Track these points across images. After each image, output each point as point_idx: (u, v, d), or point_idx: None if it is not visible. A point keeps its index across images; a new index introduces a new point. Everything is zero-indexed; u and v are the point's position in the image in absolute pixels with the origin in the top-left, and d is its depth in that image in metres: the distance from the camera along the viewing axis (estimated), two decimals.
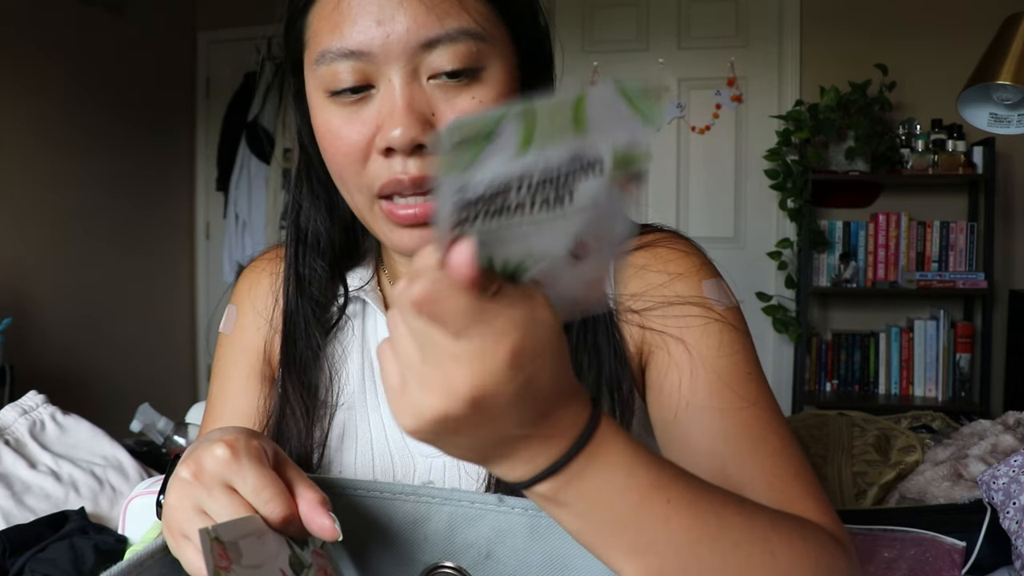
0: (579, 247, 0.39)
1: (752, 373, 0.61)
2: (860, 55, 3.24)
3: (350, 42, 0.55)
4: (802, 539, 0.49)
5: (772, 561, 0.47)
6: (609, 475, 0.42)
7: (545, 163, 0.36)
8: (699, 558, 0.44)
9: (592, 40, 3.58)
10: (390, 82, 0.56)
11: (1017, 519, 1.00)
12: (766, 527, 0.47)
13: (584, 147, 0.36)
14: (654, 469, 0.43)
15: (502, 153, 0.35)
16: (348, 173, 0.59)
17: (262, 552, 0.46)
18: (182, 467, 0.49)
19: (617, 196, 0.38)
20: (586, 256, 0.40)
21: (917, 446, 1.34)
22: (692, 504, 0.44)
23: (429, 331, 0.36)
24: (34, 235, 3.12)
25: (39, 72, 3.11)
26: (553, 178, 0.36)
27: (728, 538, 0.45)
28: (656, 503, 0.43)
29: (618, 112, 0.36)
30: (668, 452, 0.61)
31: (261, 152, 3.75)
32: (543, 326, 0.38)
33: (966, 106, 1.48)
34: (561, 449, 0.40)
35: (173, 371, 3.93)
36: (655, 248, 0.66)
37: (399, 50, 0.55)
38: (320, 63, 0.57)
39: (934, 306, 3.32)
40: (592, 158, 0.37)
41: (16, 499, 1.06)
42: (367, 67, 0.56)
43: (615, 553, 0.44)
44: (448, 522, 0.55)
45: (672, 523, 0.43)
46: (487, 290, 0.36)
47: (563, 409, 0.40)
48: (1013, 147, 3.17)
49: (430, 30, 0.54)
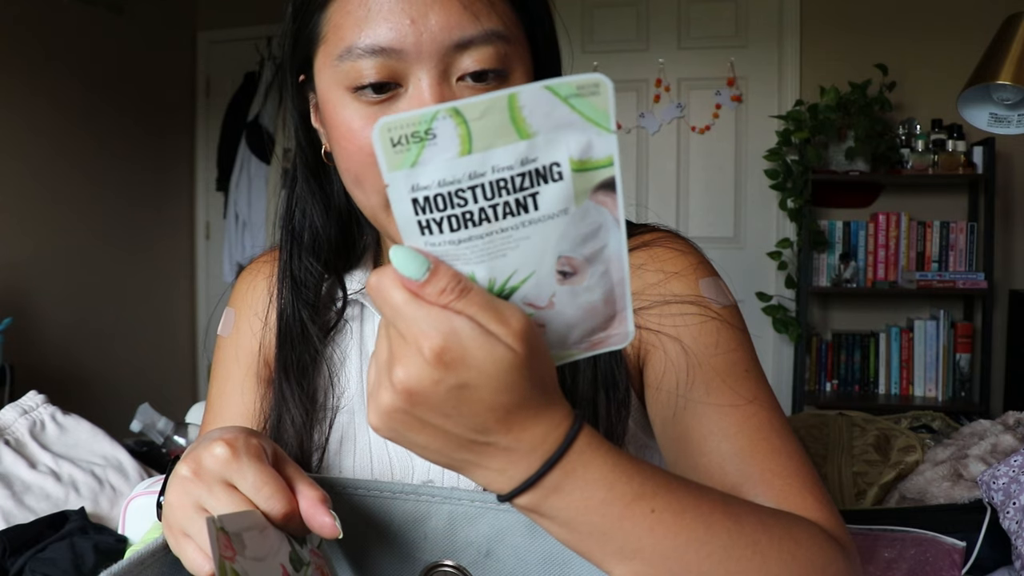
0: (566, 263, 0.40)
1: (750, 371, 0.61)
2: (860, 55, 3.24)
3: (381, 39, 0.54)
4: (794, 540, 0.49)
5: (763, 564, 0.47)
6: (588, 490, 0.42)
7: (493, 165, 0.37)
8: (687, 563, 0.45)
9: (592, 40, 3.58)
10: (419, 81, 0.54)
11: (1017, 519, 1.00)
12: (756, 530, 0.47)
13: (533, 151, 0.37)
14: (637, 480, 0.44)
15: (445, 153, 0.36)
16: (367, 174, 0.57)
17: (264, 546, 0.46)
18: (182, 465, 0.49)
19: (593, 209, 0.39)
20: (577, 275, 0.40)
21: (917, 446, 1.34)
22: (678, 513, 0.44)
23: (388, 329, 0.39)
24: (34, 235, 3.12)
25: (39, 72, 3.11)
26: (506, 182, 0.37)
27: (716, 543, 0.45)
28: (639, 515, 0.43)
29: (562, 115, 0.37)
30: (668, 452, 0.61)
31: (261, 152, 3.75)
32: (481, 339, 0.38)
33: (966, 106, 1.48)
34: (534, 464, 0.41)
35: (173, 371, 3.93)
36: (652, 247, 0.66)
37: (432, 49, 0.54)
38: (344, 59, 0.55)
39: (934, 306, 3.32)
40: (546, 163, 0.38)
41: (16, 499, 1.06)
42: (396, 65, 0.54)
43: (603, 558, 0.44)
44: (448, 521, 0.55)
45: (657, 532, 0.44)
46: (442, 295, 0.38)
47: (531, 423, 0.41)
48: (1013, 147, 3.17)
49: (464, 30, 0.54)
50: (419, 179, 0.37)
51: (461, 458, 0.42)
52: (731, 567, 0.46)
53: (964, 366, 3.21)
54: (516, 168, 0.37)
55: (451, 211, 0.37)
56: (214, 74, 4.05)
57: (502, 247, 0.39)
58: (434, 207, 0.37)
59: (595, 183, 0.38)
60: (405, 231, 0.38)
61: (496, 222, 0.38)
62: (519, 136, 0.37)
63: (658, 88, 3.54)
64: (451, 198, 0.37)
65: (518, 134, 0.37)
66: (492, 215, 0.38)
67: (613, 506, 0.43)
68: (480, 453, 0.41)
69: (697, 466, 0.58)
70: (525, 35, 0.59)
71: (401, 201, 0.37)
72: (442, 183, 0.37)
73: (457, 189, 0.37)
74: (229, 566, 0.43)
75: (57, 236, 3.22)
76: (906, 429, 1.45)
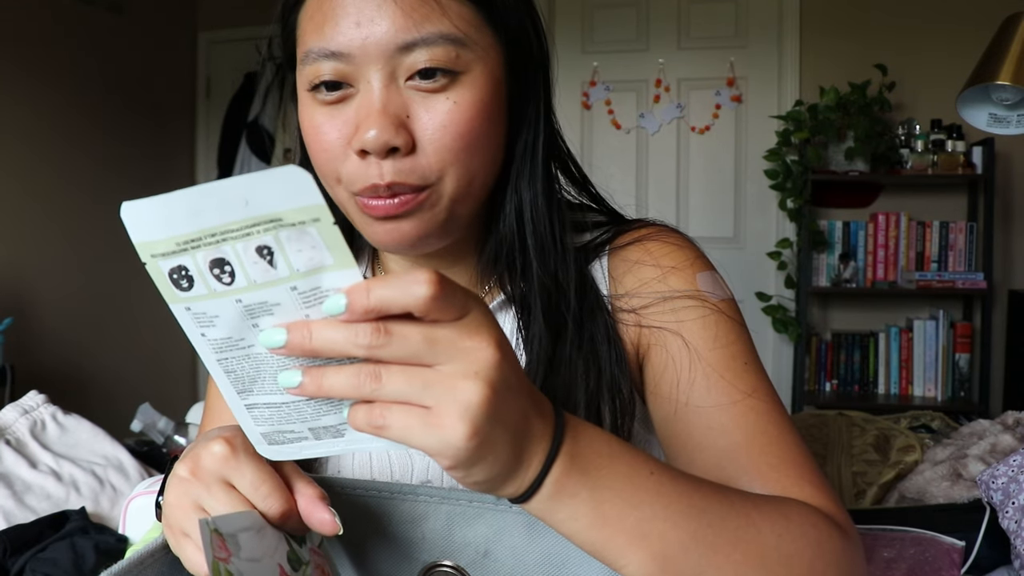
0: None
1: (749, 363, 0.61)
2: (860, 55, 3.24)
3: (331, 43, 0.56)
4: (784, 517, 0.49)
5: (758, 536, 0.47)
6: (595, 444, 0.45)
7: None
8: (694, 534, 0.45)
9: (592, 40, 3.58)
10: (368, 84, 0.56)
11: (1016, 518, 1.00)
12: (746, 504, 0.49)
13: None
14: (630, 449, 0.47)
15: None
16: (328, 169, 0.59)
17: (261, 546, 0.46)
18: (180, 465, 0.49)
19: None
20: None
21: (916, 446, 1.34)
22: (675, 479, 0.46)
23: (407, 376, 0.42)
24: (34, 235, 3.12)
25: (39, 72, 3.12)
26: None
27: (714, 512, 0.47)
28: (643, 475, 0.45)
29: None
30: (669, 448, 0.62)
31: (262, 152, 3.75)
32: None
33: (965, 106, 1.48)
34: (550, 429, 0.44)
35: (173, 371, 3.93)
36: (647, 243, 0.66)
37: (377, 53, 0.55)
38: (305, 62, 0.58)
39: (933, 306, 3.32)
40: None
41: (17, 499, 1.06)
42: (347, 68, 0.56)
43: (620, 543, 0.44)
44: (446, 521, 0.55)
45: (663, 496, 0.45)
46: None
47: (538, 394, 0.44)
48: (1012, 147, 3.17)
49: (407, 34, 0.55)
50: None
51: (526, 438, 0.42)
52: (731, 536, 0.46)
53: (963, 366, 3.21)
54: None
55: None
56: (214, 74, 4.05)
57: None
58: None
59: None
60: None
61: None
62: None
63: (658, 88, 3.54)
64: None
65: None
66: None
67: (619, 463, 0.45)
68: (531, 424, 0.42)
69: (695, 461, 0.59)
70: (494, 36, 0.59)
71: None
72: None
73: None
74: (223, 567, 0.43)
75: (58, 237, 3.22)
76: (905, 429, 1.45)
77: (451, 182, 0.58)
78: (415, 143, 0.56)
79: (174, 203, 0.36)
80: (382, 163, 0.56)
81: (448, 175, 0.57)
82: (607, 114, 3.58)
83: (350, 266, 0.38)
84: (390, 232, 0.58)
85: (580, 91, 3.57)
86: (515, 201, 0.63)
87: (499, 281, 0.66)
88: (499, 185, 0.63)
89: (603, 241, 0.68)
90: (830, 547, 0.50)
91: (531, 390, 0.43)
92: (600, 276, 0.67)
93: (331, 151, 0.58)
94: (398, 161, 0.56)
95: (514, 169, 0.63)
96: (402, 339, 0.37)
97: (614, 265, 0.66)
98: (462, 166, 0.57)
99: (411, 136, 0.56)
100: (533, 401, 0.43)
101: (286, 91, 0.69)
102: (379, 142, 0.55)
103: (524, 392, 0.42)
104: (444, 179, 0.57)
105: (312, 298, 0.39)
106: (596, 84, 3.58)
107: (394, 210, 0.57)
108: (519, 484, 0.43)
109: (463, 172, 0.58)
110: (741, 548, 0.47)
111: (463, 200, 0.59)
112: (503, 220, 0.64)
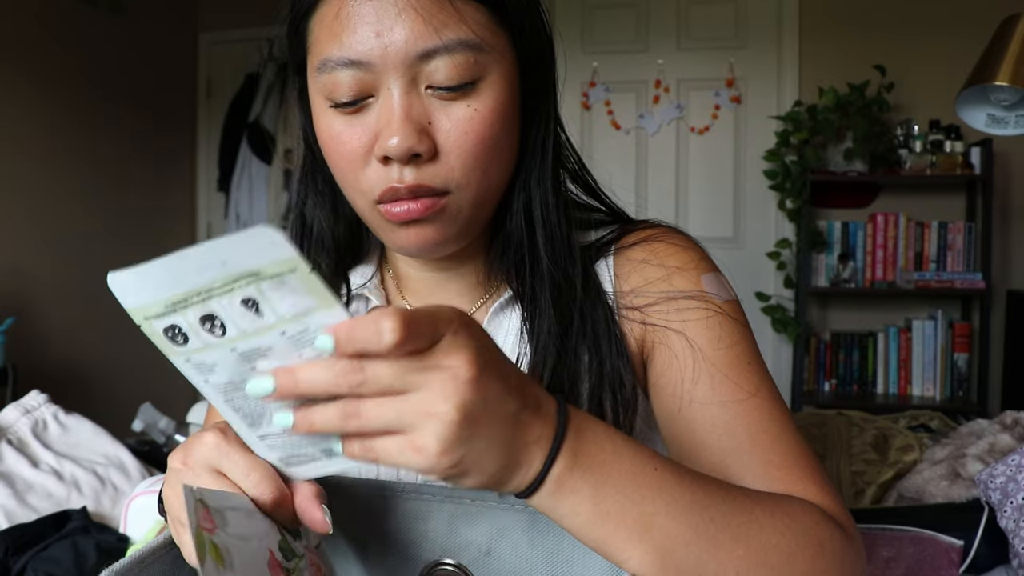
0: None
1: (752, 363, 0.62)
2: (858, 56, 3.24)
3: (350, 52, 0.56)
4: (787, 515, 0.50)
5: (760, 533, 0.48)
6: (599, 440, 0.45)
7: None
8: (696, 529, 0.46)
9: (592, 40, 3.59)
10: (389, 91, 0.56)
11: (1014, 518, 1.01)
12: (750, 500, 0.49)
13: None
14: (634, 444, 0.47)
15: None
16: (349, 178, 0.60)
17: (250, 527, 0.46)
18: (174, 457, 0.49)
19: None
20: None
21: (915, 445, 1.35)
22: (678, 474, 0.47)
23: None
24: (35, 235, 3.13)
25: (40, 73, 3.12)
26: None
27: (717, 508, 0.47)
28: (647, 471, 0.46)
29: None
30: (672, 447, 0.62)
31: (262, 153, 3.75)
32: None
33: (964, 107, 1.48)
34: (551, 422, 0.44)
35: (174, 371, 3.92)
36: (652, 243, 0.66)
37: (397, 61, 0.55)
38: (322, 71, 0.58)
39: (932, 306, 3.32)
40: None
41: (18, 498, 1.06)
42: (367, 76, 0.56)
43: (622, 538, 0.45)
44: (449, 519, 0.56)
45: (666, 492, 0.46)
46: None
47: (535, 386, 0.45)
48: (1010, 148, 3.18)
49: (427, 41, 0.55)
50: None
51: (517, 443, 0.43)
52: (734, 532, 0.47)
53: (962, 366, 3.22)
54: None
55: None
56: (215, 75, 4.05)
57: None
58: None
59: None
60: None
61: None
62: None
63: (657, 89, 3.54)
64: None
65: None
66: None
67: (622, 460, 0.45)
68: (525, 427, 0.43)
69: (699, 459, 0.59)
70: (508, 40, 0.60)
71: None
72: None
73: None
74: (208, 537, 0.42)
75: (59, 237, 3.22)
76: (904, 428, 1.46)
77: (473, 187, 0.58)
78: (437, 149, 0.57)
79: (156, 271, 0.39)
80: (403, 168, 0.57)
81: (471, 180, 0.58)
82: (607, 115, 3.58)
83: (334, 305, 0.39)
84: (412, 236, 0.59)
85: (580, 91, 3.57)
86: (524, 198, 0.64)
87: (506, 277, 0.66)
88: (508, 183, 0.64)
89: (609, 240, 0.68)
90: (831, 546, 0.51)
91: (524, 392, 0.44)
92: (605, 275, 0.67)
93: (352, 159, 0.58)
94: (420, 167, 0.57)
95: (524, 167, 0.64)
96: (375, 375, 0.39)
97: (619, 264, 0.67)
98: (483, 171, 0.58)
99: (433, 142, 0.57)
100: (526, 403, 0.43)
101: (288, 91, 0.69)
102: (402, 148, 0.55)
103: (513, 397, 0.42)
104: (466, 184, 0.58)
105: (302, 339, 0.40)
106: (596, 85, 3.58)
107: (417, 213, 0.57)
108: (520, 482, 0.44)
109: (484, 176, 0.59)
110: (743, 544, 0.47)
111: (484, 203, 0.60)
112: (511, 218, 0.64)
